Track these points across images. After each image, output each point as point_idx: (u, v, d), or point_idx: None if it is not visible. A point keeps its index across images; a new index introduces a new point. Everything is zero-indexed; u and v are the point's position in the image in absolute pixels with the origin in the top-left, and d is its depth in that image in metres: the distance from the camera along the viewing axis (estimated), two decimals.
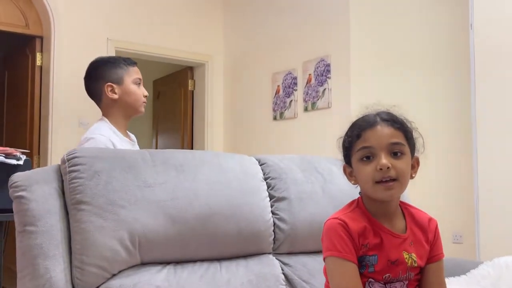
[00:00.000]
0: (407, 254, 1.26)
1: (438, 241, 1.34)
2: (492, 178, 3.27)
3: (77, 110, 4.86)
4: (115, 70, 2.32)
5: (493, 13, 3.33)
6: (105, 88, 2.29)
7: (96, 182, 1.48)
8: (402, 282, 1.26)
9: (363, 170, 1.24)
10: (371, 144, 1.23)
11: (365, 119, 1.27)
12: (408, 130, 1.28)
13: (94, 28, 5.02)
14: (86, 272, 1.42)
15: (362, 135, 1.24)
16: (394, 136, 1.23)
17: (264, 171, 1.88)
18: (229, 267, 1.64)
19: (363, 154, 1.24)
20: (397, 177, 1.22)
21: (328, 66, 4.46)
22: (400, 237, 1.27)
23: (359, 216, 1.27)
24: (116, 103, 2.32)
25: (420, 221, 1.33)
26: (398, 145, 1.23)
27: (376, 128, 1.24)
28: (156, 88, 6.67)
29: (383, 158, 1.21)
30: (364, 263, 1.24)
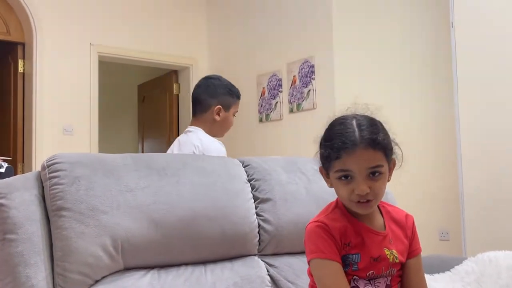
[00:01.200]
0: (388, 251, 1.28)
1: (415, 236, 1.36)
2: (477, 175, 3.30)
3: (61, 117, 4.83)
4: (229, 97, 2.63)
5: (473, 11, 3.36)
6: (215, 107, 2.57)
7: (77, 188, 1.46)
8: (385, 278, 1.28)
9: (340, 190, 1.24)
10: (350, 168, 1.21)
11: (345, 136, 1.21)
12: (387, 147, 1.25)
13: (77, 34, 4.99)
14: (68, 279, 1.40)
15: (341, 157, 1.21)
16: (374, 160, 1.21)
17: (248, 172, 1.87)
18: (214, 270, 1.63)
19: (341, 174, 1.23)
20: (374, 197, 1.23)
21: (312, 67, 4.47)
22: (380, 235, 1.29)
23: (339, 217, 1.28)
24: (214, 123, 2.60)
25: (398, 218, 1.35)
26: (377, 168, 1.22)
27: (356, 151, 1.19)
28: (141, 93, 6.65)
29: (361, 184, 1.20)
30: (348, 262, 1.25)
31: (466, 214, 3.34)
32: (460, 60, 3.40)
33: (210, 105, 2.58)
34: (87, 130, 4.98)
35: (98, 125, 5.10)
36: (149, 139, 6.47)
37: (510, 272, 1.70)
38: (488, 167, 3.24)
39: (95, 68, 5.11)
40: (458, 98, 3.41)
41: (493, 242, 3.05)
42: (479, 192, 3.28)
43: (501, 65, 3.21)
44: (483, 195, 3.25)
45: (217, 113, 2.59)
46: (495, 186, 3.20)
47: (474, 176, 3.31)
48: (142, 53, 5.42)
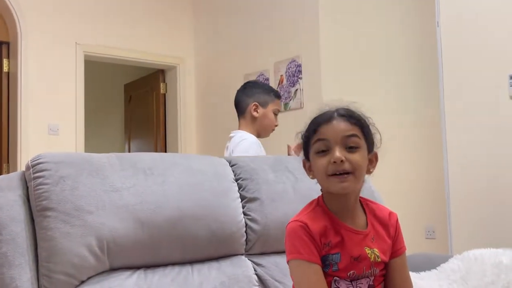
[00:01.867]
0: (369, 250, 1.26)
1: (399, 235, 1.35)
2: (463, 173, 3.32)
3: (46, 117, 4.79)
4: (265, 95, 2.80)
5: (459, 10, 3.39)
6: (251, 105, 2.77)
7: (62, 188, 1.45)
8: (367, 278, 1.26)
9: (317, 163, 1.25)
10: (326, 137, 1.24)
11: (322, 115, 1.29)
12: (364, 125, 1.28)
13: (62, 33, 4.95)
14: (53, 280, 1.39)
15: (318, 129, 1.26)
16: (349, 130, 1.25)
17: (235, 172, 1.87)
18: (201, 270, 1.63)
19: (319, 147, 1.25)
20: (352, 170, 1.22)
21: (299, 66, 4.48)
22: (361, 233, 1.27)
23: (319, 215, 1.27)
24: (254, 122, 2.79)
25: (381, 216, 1.34)
26: (353, 138, 1.24)
27: (332, 122, 1.25)
28: (128, 92, 6.61)
29: (337, 152, 1.22)
30: (328, 262, 1.24)
31: (452, 212, 3.36)
32: (446, 59, 3.42)
33: (247, 104, 2.79)
34: (73, 130, 4.95)
35: (84, 125, 5.06)
36: (136, 139, 6.44)
37: (495, 270, 1.72)
38: (474, 166, 3.27)
39: (81, 67, 5.07)
40: (443, 96, 3.43)
41: (479, 240, 3.07)
42: (465, 190, 3.30)
43: (486, 64, 3.24)
44: (469, 193, 3.28)
45: (254, 109, 2.76)
46: (481, 184, 3.23)
47: (460, 174, 3.34)
48: (129, 52, 5.39)
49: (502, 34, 3.16)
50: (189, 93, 5.76)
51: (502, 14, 3.18)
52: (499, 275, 1.69)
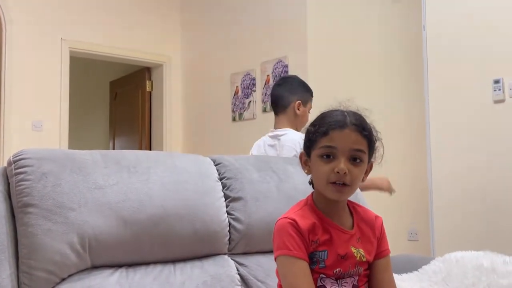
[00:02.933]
0: (355, 249, 1.28)
1: (384, 237, 1.37)
2: (446, 176, 3.35)
3: (30, 113, 4.74)
4: (307, 93, 2.81)
5: (445, 15, 3.42)
6: (295, 103, 2.74)
7: (44, 184, 1.43)
8: (352, 277, 1.28)
9: (320, 168, 1.26)
10: (335, 144, 1.24)
11: (336, 118, 1.27)
12: (372, 140, 1.30)
13: (47, 28, 4.91)
14: (34, 277, 1.38)
15: (329, 133, 1.25)
16: (359, 143, 1.25)
17: (220, 171, 1.86)
18: (184, 269, 1.62)
19: (325, 152, 1.25)
20: (350, 183, 1.24)
21: (286, 67, 4.48)
22: (348, 233, 1.30)
23: (308, 214, 1.28)
24: (296, 118, 2.76)
25: (367, 218, 1.37)
26: (360, 152, 1.25)
27: (344, 130, 1.25)
28: (113, 89, 6.57)
29: (343, 163, 1.23)
30: (315, 259, 1.25)
31: (434, 215, 3.39)
32: (431, 62, 3.46)
33: (291, 101, 2.75)
34: (57, 126, 4.90)
35: (68, 122, 5.02)
36: (120, 136, 6.40)
37: (476, 272, 1.73)
38: (458, 170, 3.30)
39: (66, 63, 5.03)
40: (428, 98, 3.46)
41: (461, 243, 3.10)
42: (448, 193, 3.33)
43: (470, 68, 3.27)
44: (452, 196, 3.31)
45: (298, 107, 2.75)
46: (464, 187, 3.26)
47: (444, 177, 3.36)
48: (115, 49, 5.35)
49: (487, 39, 3.20)
50: (175, 91, 5.74)
51: (488, 20, 3.21)
52: (480, 277, 1.71)
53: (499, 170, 3.11)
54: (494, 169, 3.13)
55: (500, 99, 3.13)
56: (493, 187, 3.13)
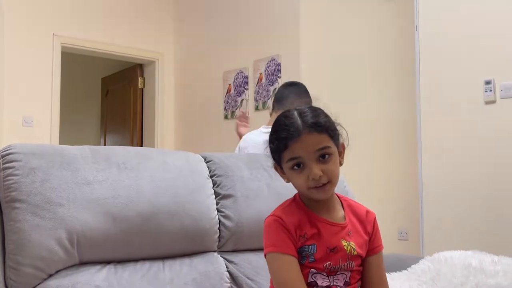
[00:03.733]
0: (346, 242, 1.28)
1: (377, 233, 1.37)
2: (436, 176, 3.36)
3: (21, 108, 4.71)
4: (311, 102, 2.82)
5: (437, 14, 3.43)
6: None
7: (32, 180, 1.42)
8: (344, 274, 1.27)
9: (295, 179, 1.26)
10: (299, 154, 1.24)
11: (288, 128, 1.25)
12: (331, 128, 1.28)
13: (39, 23, 4.87)
14: (21, 272, 1.37)
15: (288, 146, 1.24)
16: (320, 142, 1.24)
17: (210, 168, 1.86)
18: (173, 266, 1.61)
19: (293, 164, 1.25)
20: (329, 180, 1.24)
21: (278, 65, 4.48)
22: (337, 225, 1.29)
23: (294, 210, 1.29)
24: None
25: (358, 212, 1.36)
26: (325, 149, 1.25)
27: (301, 138, 1.23)
28: (105, 86, 6.54)
29: (314, 168, 1.23)
30: (304, 254, 1.25)
31: (425, 215, 3.40)
32: (423, 62, 3.47)
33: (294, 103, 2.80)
34: (48, 122, 4.87)
35: (59, 118, 4.99)
36: (112, 133, 6.37)
37: (464, 272, 1.74)
38: (448, 170, 3.31)
39: (58, 59, 5.00)
40: (420, 98, 3.47)
41: (451, 242, 3.12)
42: (438, 193, 3.34)
43: (462, 69, 3.28)
44: (442, 196, 3.32)
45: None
46: (454, 188, 3.27)
47: (434, 178, 3.38)
48: (107, 46, 5.33)
49: (479, 40, 3.21)
50: (167, 88, 5.72)
51: (480, 20, 3.22)
52: (468, 277, 1.71)
53: (490, 170, 3.13)
54: (485, 169, 3.15)
55: (491, 100, 3.14)
56: (483, 187, 3.15)
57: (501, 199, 3.07)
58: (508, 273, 1.70)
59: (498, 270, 1.72)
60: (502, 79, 3.11)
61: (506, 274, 1.70)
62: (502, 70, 3.11)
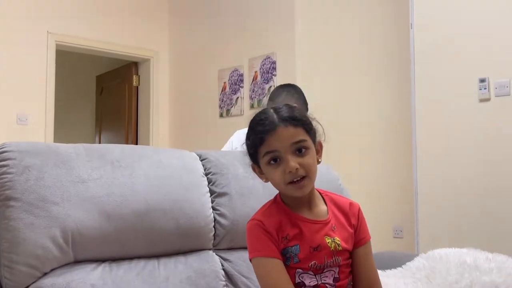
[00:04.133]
0: (329, 239, 1.27)
1: (362, 224, 1.36)
2: (431, 174, 3.37)
3: (15, 106, 4.69)
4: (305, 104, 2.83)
5: (432, 13, 3.43)
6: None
7: (27, 178, 1.42)
8: (332, 270, 1.27)
9: (272, 174, 1.26)
10: (276, 148, 1.24)
11: (264, 122, 1.26)
12: (307, 123, 1.29)
13: (33, 21, 4.85)
14: (15, 271, 1.36)
15: (265, 140, 1.24)
16: (296, 135, 1.24)
17: (205, 166, 1.86)
18: (168, 264, 1.61)
19: (269, 158, 1.25)
20: (306, 174, 1.24)
21: (274, 63, 4.48)
22: (319, 223, 1.29)
23: (275, 212, 1.29)
24: None
25: (341, 205, 1.36)
26: (301, 143, 1.25)
27: (277, 131, 1.24)
28: (100, 84, 6.52)
29: (290, 161, 1.22)
30: (288, 255, 1.25)
31: (419, 213, 3.41)
32: (418, 60, 3.47)
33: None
34: (42, 120, 4.86)
35: (53, 116, 4.97)
36: (106, 131, 6.36)
37: (459, 269, 1.75)
38: (443, 168, 3.32)
39: (52, 57, 4.98)
40: (415, 96, 3.48)
41: (446, 240, 3.13)
42: (433, 190, 3.35)
43: (457, 67, 3.29)
44: (437, 194, 3.33)
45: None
46: (449, 186, 3.28)
47: (429, 175, 3.38)
48: (102, 43, 5.31)
49: (474, 38, 3.22)
50: (162, 86, 5.71)
51: (475, 18, 3.23)
52: (463, 274, 1.72)
53: (484, 168, 3.14)
54: (480, 167, 3.16)
55: (485, 98, 3.15)
56: (478, 185, 3.15)
57: (496, 197, 3.08)
58: (502, 270, 1.71)
59: (493, 267, 1.73)
60: (497, 77, 3.11)
61: (500, 271, 1.71)
62: (496, 68, 3.12)
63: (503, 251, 1.92)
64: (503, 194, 3.05)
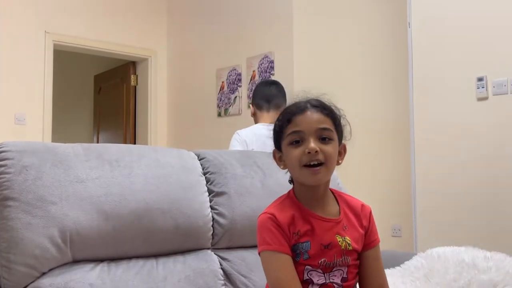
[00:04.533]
0: (341, 238, 1.27)
1: (373, 227, 1.36)
2: (429, 173, 3.37)
3: (13, 106, 4.69)
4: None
5: (430, 11, 3.43)
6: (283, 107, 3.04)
7: (25, 178, 1.42)
8: (341, 270, 1.27)
9: (291, 153, 1.26)
10: (301, 128, 1.25)
11: (295, 105, 1.30)
12: (336, 117, 1.31)
13: (31, 21, 4.84)
14: (13, 271, 1.36)
15: (292, 120, 1.27)
16: (323, 122, 1.26)
17: (204, 165, 1.86)
18: (166, 263, 1.61)
19: (293, 138, 1.26)
20: (324, 161, 1.24)
21: (271, 62, 4.47)
22: (331, 221, 1.29)
23: (288, 206, 1.28)
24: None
25: (354, 206, 1.36)
26: (327, 131, 1.26)
27: (306, 113, 1.27)
28: (97, 83, 6.52)
29: (312, 142, 1.24)
30: (298, 251, 1.25)
31: (418, 211, 3.41)
32: (416, 59, 3.47)
33: (283, 103, 2.83)
34: (40, 120, 4.85)
35: (51, 116, 4.97)
36: (104, 130, 6.35)
37: (457, 268, 1.75)
38: (441, 166, 3.32)
39: (50, 56, 4.97)
40: (412, 95, 3.48)
41: (444, 239, 3.13)
42: (431, 190, 3.35)
43: (454, 65, 3.29)
44: (435, 193, 3.33)
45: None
46: (447, 184, 3.28)
47: (427, 174, 3.39)
48: (99, 43, 5.30)
49: (472, 37, 3.22)
50: (160, 85, 5.70)
51: (472, 17, 3.23)
52: (461, 272, 1.72)
53: (482, 166, 3.14)
54: (477, 166, 3.16)
55: (483, 97, 3.15)
56: (476, 183, 3.16)
57: (494, 195, 3.09)
58: (501, 269, 1.71)
59: (491, 266, 1.73)
60: (495, 76, 3.12)
61: (498, 269, 1.71)
62: (494, 67, 3.12)
63: (501, 249, 1.92)
64: (501, 192, 3.06)
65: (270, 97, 2.95)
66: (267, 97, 2.95)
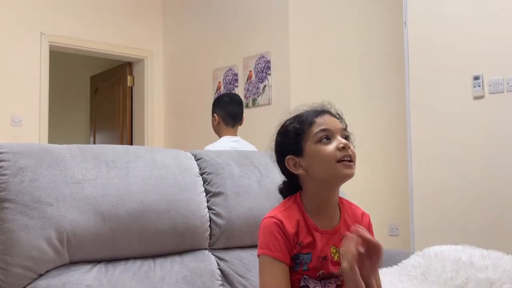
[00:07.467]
0: (335, 249, 1.27)
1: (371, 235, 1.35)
2: (426, 172, 3.38)
3: (9, 107, 4.67)
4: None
5: (426, 10, 3.44)
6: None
7: (21, 179, 1.41)
8: (336, 278, 1.27)
9: (324, 150, 1.25)
10: (329, 127, 1.27)
11: (311, 111, 1.32)
12: (345, 124, 1.34)
13: (27, 22, 4.83)
14: (10, 273, 1.36)
15: (315, 121, 1.28)
16: (341, 125, 1.31)
17: (200, 166, 1.86)
18: (164, 264, 1.61)
19: (322, 135, 1.26)
20: (353, 159, 1.26)
21: (268, 62, 4.47)
22: (326, 233, 1.29)
23: (294, 213, 1.28)
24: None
25: (354, 215, 1.36)
26: (347, 132, 1.30)
27: (325, 116, 1.29)
28: (94, 84, 6.50)
29: (342, 139, 1.26)
30: (299, 261, 1.25)
31: (415, 210, 3.41)
32: (412, 58, 3.48)
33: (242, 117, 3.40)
34: (37, 121, 4.84)
35: (48, 117, 4.95)
36: (101, 131, 6.34)
37: (454, 266, 1.75)
38: (438, 165, 3.33)
39: (46, 58, 4.96)
40: (409, 94, 3.48)
41: (441, 237, 3.13)
42: (428, 189, 3.36)
43: (451, 65, 3.30)
44: (432, 192, 3.34)
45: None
46: (444, 183, 3.29)
47: (424, 173, 3.39)
48: (95, 44, 5.29)
49: (468, 36, 3.23)
50: (157, 86, 5.69)
51: (468, 16, 3.24)
52: (458, 271, 1.73)
53: (479, 165, 3.15)
54: (474, 165, 3.17)
55: (479, 95, 3.16)
56: (473, 182, 3.16)
57: (491, 194, 3.09)
58: (498, 267, 1.72)
59: (488, 264, 1.73)
60: (491, 74, 3.12)
61: (495, 268, 1.71)
62: (490, 66, 3.13)
63: (498, 247, 1.93)
64: (498, 191, 3.06)
65: (237, 116, 3.34)
66: (235, 116, 3.34)
